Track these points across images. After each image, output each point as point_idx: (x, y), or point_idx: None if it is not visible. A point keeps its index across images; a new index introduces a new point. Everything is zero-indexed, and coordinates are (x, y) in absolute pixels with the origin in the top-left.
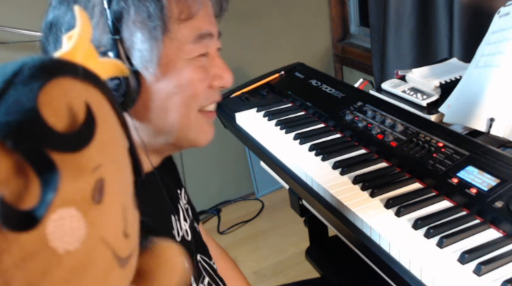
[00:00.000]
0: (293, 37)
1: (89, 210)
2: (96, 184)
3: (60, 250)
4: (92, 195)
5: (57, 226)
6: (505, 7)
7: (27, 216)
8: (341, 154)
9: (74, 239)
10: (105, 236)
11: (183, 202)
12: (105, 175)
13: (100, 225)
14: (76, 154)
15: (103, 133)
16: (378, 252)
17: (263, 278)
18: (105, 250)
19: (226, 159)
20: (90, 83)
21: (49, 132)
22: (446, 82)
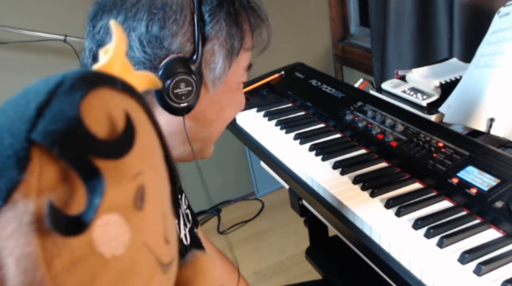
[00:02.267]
0: (293, 37)
1: (131, 216)
2: (137, 191)
3: (107, 255)
4: (134, 201)
5: (103, 231)
6: (505, 7)
7: (76, 221)
8: (341, 154)
9: (119, 244)
10: (148, 241)
11: (183, 208)
12: (145, 182)
13: (143, 231)
14: (118, 161)
15: (142, 141)
16: (378, 252)
17: (263, 278)
18: (149, 256)
19: (226, 159)
20: (127, 94)
21: (92, 140)
22: (446, 82)
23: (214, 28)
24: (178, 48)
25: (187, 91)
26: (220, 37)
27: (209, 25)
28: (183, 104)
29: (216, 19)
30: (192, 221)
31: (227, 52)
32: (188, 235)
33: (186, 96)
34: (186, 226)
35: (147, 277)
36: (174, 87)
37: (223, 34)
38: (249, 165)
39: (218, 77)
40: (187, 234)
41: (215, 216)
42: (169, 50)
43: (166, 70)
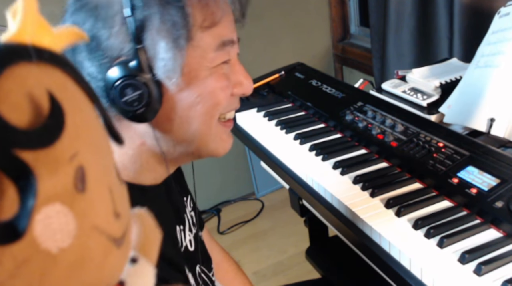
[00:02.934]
0: (293, 37)
1: (74, 201)
2: (76, 173)
3: (53, 250)
4: (74, 185)
5: (45, 226)
6: (505, 7)
7: (10, 227)
8: (341, 154)
9: (65, 235)
10: (97, 223)
11: (188, 210)
12: (83, 161)
13: (90, 213)
14: (49, 148)
15: (74, 118)
16: (379, 252)
17: (263, 278)
18: (100, 237)
19: (226, 159)
20: (47, 64)
21: (14, 132)
22: (446, 82)
23: (147, 17)
24: (117, 52)
25: (137, 96)
26: (156, 24)
27: (141, 15)
28: (140, 110)
29: (147, 5)
30: (197, 225)
31: (172, 40)
32: (193, 241)
33: (139, 101)
34: (191, 231)
35: (101, 258)
36: (121, 95)
37: (157, 19)
38: (249, 165)
39: (171, 69)
40: (192, 240)
41: (215, 216)
42: (111, 57)
43: (106, 81)
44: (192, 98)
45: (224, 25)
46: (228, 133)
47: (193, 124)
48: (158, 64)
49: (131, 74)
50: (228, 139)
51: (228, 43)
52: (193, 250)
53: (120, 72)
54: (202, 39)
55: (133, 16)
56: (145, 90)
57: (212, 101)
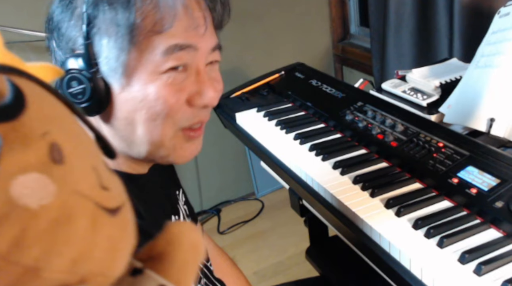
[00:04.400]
0: (293, 37)
1: (52, 170)
2: (51, 148)
3: (33, 206)
4: (50, 157)
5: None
6: (505, 7)
7: None
8: (341, 154)
9: (45, 194)
10: (79, 188)
11: (181, 203)
12: (57, 139)
13: (70, 180)
14: (14, 122)
15: (39, 103)
16: (379, 252)
17: (263, 278)
18: (84, 201)
19: (226, 159)
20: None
21: None
22: (446, 82)
23: (96, 15)
24: (72, 44)
25: (81, 90)
26: (102, 22)
27: (92, 12)
28: (83, 104)
29: (97, 4)
30: (191, 217)
31: (115, 39)
32: None
33: (82, 95)
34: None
35: (89, 220)
36: (67, 87)
37: (105, 19)
38: (249, 165)
39: (113, 68)
40: None
41: (215, 216)
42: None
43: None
44: (135, 101)
45: (180, 30)
46: (192, 141)
47: (138, 128)
48: (103, 62)
49: (78, 68)
50: (189, 148)
51: (183, 48)
52: None
53: (70, 64)
54: (150, 43)
55: (86, 12)
56: (88, 85)
57: (157, 109)
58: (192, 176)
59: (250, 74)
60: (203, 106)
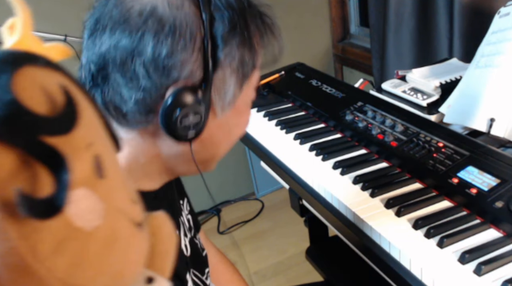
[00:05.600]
0: (293, 37)
1: (96, 186)
2: (94, 161)
3: (87, 228)
4: (94, 171)
5: (76, 207)
6: (505, 7)
7: (50, 202)
8: (341, 154)
9: (95, 215)
10: (119, 205)
11: (185, 213)
12: (99, 151)
13: (112, 197)
14: (69, 135)
15: (85, 112)
16: (379, 252)
17: (263, 278)
18: (123, 219)
19: (226, 159)
20: (52, 69)
21: (38, 119)
22: (446, 82)
23: (227, 55)
24: (187, 75)
25: (196, 121)
26: (233, 64)
27: (222, 52)
28: (190, 135)
29: (229, 45)
30: (193, 228)
31: (239, 78)
32: (189, 246)
33: (194, 126)
34: (186, 236)
35: (128, 238)
36: (183, 118)
37: (236, 61)
38: (249, 165)
39: (228, 103)
40: (188, 244)
41: (215, 216)
42: (177, 78)
43: (174, 100)
44: (231, 127)
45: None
46: None
47: (219, 149)
48: (220, 95)
49: (199, 100)
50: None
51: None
52: (189, 255)
53: (190, 96)
54: (253, 78)
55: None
56: (202, 118)
57: (241, 131)
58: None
59: None
60: None
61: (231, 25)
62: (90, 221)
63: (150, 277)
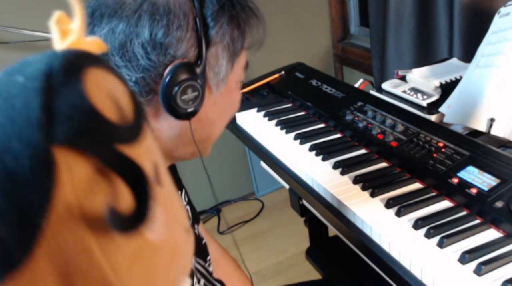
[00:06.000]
0: (293, 37)
1: (157, 193)
2: (154, 167)
3: (154, 240)
4: (154, 178)
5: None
6: (505, 7)
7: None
8: (341, 154)
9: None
10: (176, 214)
11: (183, 204)
12: (156, 158)
13: (170, 206)
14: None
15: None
16: (379, 252)
17: (263, 278)
18: (179, 227)
19: (226, 159)
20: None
21: (112, 127)
22: (446, 82)
23: (218, 32)
24: (183, 53)
25: (194, 97)
26: (224, 41)
27: (213, 30)
28: (190, 109)
29: (220, 23)
30: (192, 217)
31: (230, 55)
32: None
33: (193, 101)
34: None
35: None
36: (182, 93)
37: (227, 38)
38: (249, 165)
39: (221, 79)
40: None
41: (215, 216)
42: (174, 56)
43: (172, 76)
44: (224, 105)
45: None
46: None
47: (214, 128)
48: (214, 72)
49: (196, 76)
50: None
51: (247, 65)
52: None
53: (187, 72)
54: (241, 57)
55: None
56: (200, 93)
57: (234, 110)
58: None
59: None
60: None
61: (219, 5)
62: (158, 233)
63: None
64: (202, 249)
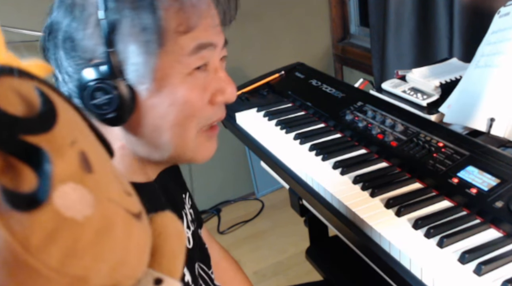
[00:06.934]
0: (293, 37)
1: (85, 180)
2: (80, 157)
3: (78, 218)
4: (81, 167)
5: (65, 199)
6: (505, 7)
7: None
8: (341, 154)
9: (86, 205)
10: (111, 196)
11: (187, 207)
12: (83, 147)
13: (103, 188)
14: (49, 134)
15: (65, 112)
16: (379, 252)
17: (263, 278)
18: (117, 208)
19: (226, 159)
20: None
21: (14, 119)
22: (446, 82)
23: (118, 20)
24: (90, 54)
25: (107, 100)
26: (126, 28)
27: (112, 17)
28: (110, 114)
29: (122, 13)
30: (196, 222)
31: (142, 43)
32: (191, 238)
33: (109, 105)
34: (189, 228)
35: (125, 226)
36: (91, 99)
37: (128, 23)
38: (249, 165)
39: (143, 75)
40: (191, 237)
41: (215, 216)
42: (85, 59)
43: (79, 83)
44: (163, 107)
45: (202, 29)
46: (212, 139)
47: (165, 134)
48: (129, 69)
49: (102, 77)
50: (210, 146)
51: (206, 47)
52: (192, 247)
53: (92, 75)
54: (177, 44)
55: (106, 18)
56: (115, 95)
57: (185, 112)
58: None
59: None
60: (224, 103)
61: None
62: (81, 211)
63: (159, 278)
64: (207, 256)
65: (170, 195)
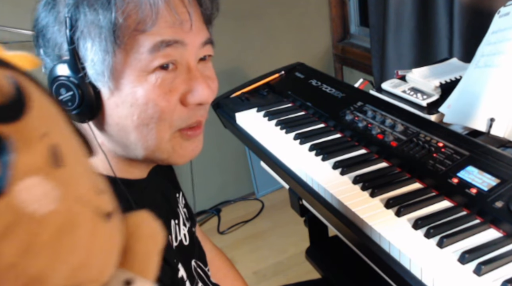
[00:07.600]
0: (293, 37)
1: (53, 174)
2: (50, 150)
3: (39, 213)
4: (50, 160)
5: (28, 194)
6: (505, 7)
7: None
8: (341, 154)
9: (50, 200)
10: (80, 193)
11: (181, 206)
12: (56, 140)
13: (71, 185)
14: (17, 123)
15: (38, 103)
16: (379, 252)
17: (263, 278)
18: (84, 207)
19: (226, 159)
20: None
21: None
22: (446, 82)
23: (78, 18)
24: (58, 50)
25: (70, 97)
26: (84, 26)
27: (74, 16)
28: (74, 111)
29: (82, 12)
30: (190, 220)
31: (98, 42)
32: (188, 235)
33: (71, 102)
34: (185, 225)
35: (90, 227)
36: (56, 94)
37: (85, 22)
38: (249, 165)
39: (100, 72)
40: (187, 234)
41: (215, 216)
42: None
43: (49, 78)
44: (126, 107)
45: (165, 26)
46: (192, 140)
47: (131, 135)
48: (88, 66)
49: (65, 74)
50: (188, 147)
51: (170, 44)
52: (188, 244)
53: (59, 71)
54: (135, 42)
55: (68, 15)
56: (76, 92)
57: (148, 113)
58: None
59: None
60: (196, 104)
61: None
62: (42, 207)
63: (129, 279)
64: (203, 253)
65: (164, 192)
